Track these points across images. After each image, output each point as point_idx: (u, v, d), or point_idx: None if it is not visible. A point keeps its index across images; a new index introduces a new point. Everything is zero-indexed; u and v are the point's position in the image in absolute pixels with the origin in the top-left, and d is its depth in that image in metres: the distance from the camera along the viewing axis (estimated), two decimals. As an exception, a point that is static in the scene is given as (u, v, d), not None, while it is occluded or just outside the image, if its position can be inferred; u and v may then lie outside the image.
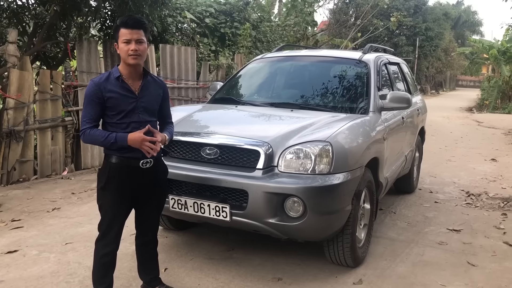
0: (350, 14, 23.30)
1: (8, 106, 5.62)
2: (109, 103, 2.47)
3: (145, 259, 2.89)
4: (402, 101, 3.95)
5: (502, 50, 22.44)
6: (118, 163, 2.52)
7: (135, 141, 2.44)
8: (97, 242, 2.64)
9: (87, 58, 6.62)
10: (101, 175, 2.58)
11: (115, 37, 2.50)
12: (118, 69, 2.53)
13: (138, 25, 2.48)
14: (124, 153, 2.50)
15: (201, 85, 8.96)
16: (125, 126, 2.50)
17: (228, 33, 12.00)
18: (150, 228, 2.84)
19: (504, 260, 3.73)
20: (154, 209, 2.79)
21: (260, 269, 3.42)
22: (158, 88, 2.67)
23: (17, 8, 6.79)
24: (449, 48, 34.71)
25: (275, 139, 3.14)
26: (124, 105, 2.49)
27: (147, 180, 2.62)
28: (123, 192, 2.56)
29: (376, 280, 3.31)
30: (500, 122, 14.93)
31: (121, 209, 2.60)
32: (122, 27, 2.46)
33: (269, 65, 4.84)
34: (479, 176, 6.85)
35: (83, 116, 2.50)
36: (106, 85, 2.47)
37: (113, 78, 2.50)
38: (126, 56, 2.47)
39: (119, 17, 2.57)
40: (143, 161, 2.55)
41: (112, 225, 2.59)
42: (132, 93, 2.52)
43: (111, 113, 2.49)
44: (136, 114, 2.52)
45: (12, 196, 5.16)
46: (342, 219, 3.14)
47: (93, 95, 2.45)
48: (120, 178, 2.53)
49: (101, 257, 2.61)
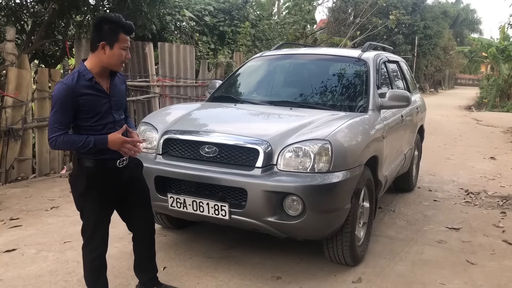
0: (349, 12, 23.33)
1: (6, 105, 5.60)
2: (83, 106, 2.32)
3: (143, 258, 2.84)
4: (402, 99, 3.94)
5: (501, 48, 22.46)
6: (95, 166, 2.42)
7: (115, 143, 2.36)
8: (83, 248, 2.57)
9: (85, 56, 6.59)
10: (78, 180, 2.45)
11: (110, 39, 2.33)
12: (86, 68, 2.36)
13: (133, 31, 2.46)
14: (101, 155, 2.41)
15: (200, 83, 8.95)
16: (101, 128, 2.39)
17: (228, 32, 11.98)
18: (141, 218, 2.74)
19: (503, 259, 3.73)
20: (138, 204, 2.71)
21: (259, 268, 3.42)
22: (121, 83, 2.58)
23: (15, 6, 6.77)
24: (448, 46, 34.72)
25: (274, 138, 3.13)
26: (99, 106, 2.37)
27: (126, 177, 2.56)
28: (104, 195, 2.48)
29: (375, 278, 3.30)
30: (499, 120, 14.95)
31: (104, 212, 2.54)
32: (123, 33, 2.35)
33: (268, 64, 4.83)
34: (478, 174, 6.85)
35: (53, 122, 2.30)
36: (78, 88, 2.30)
37: (84, 79, 2.33)
38: (119, 62, 2.39)
39: (113, 15, 2.37)
40: (119, 161, 2.48)
41: (96, 229, 2.51)
42: (104, 93, 2.41)
43: (86, 116, 2.35)
44: (110, 114, 2.43)
45: (11, 195, 5.14)
46: (341, 218, 3.14)
47: (66, 99, 2.28)
48: (100, 181, 2.44)
49: (91, 262, 2.56)
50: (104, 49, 2.34)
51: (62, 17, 6.91)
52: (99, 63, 2.37)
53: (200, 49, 10.69)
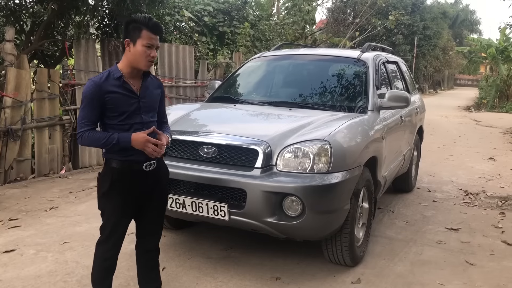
0: (348, 13, 23.33)
1: (6, 105, 5.60)
2: (110, 104, 2.35)
3: (147, 269, 2.77)
4: (401, 100, 3.95)
5: (500, 49, 22.49)
6: (120, 167, 2.43)
7: (138, 142, 2.35)
8: (98, 245, 2.55)
9: (85, 57, 6.60)
10: (103, 180, 2.47)
11: (133, 36, 2.35)
12: (118, 68, 2.41)
13: (161, 31, 2.42)
14: (127, 156, 2.41)
15: (199, 83, 8.95)
16: (128, 128, 2.40)
17: (227, 32, 11.98)
18: (152, 233, 2.71)
19: (502, 259, 3.73)
20: (156, 214, 2.68)
21: (259, 268, 3.42)
22: (156, 87, 2.59)
23: (14, 6, 6.76)
24: (447, 47, 34.72)
25: (274, 138, 3.13)
26: (126, 106, 2.39)
27: (150, 183, 2.54)
28: (126, 196, 2.47)
29: (374, 279, 3.30)
30: (498, 121, 14.96)
31: (125, 213, 2.52)
32: (146, 30, 2.34)
33: (267, 64, 4.83)
34: (477, 175, 6.85)
35: (81, 118, 2.37)
36: (106, 85, 2.35)
37: (113, 78, 2.38)
38: (145, 60, 2.37)
39: (140, 16, 2.41)
40: (146, 164, 2.46)
41: (115, 230, 2.50)
42: (133, 93, 2.42)
43: (112, 114, 2.38)
44: (138, 115, 2.43)
45: (10, 195, 5.14)
46: (340, 218, 3.14)
47: (93, 96, 2.33)
48: (124, 182, 2.44)
49: (103, 261, 2.55)
50: (129, 46, 2.38)
51: (62, 17, 6.89)
52: (128, 63, 2.41)
53: (200, 49, 10.69)
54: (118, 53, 7.01)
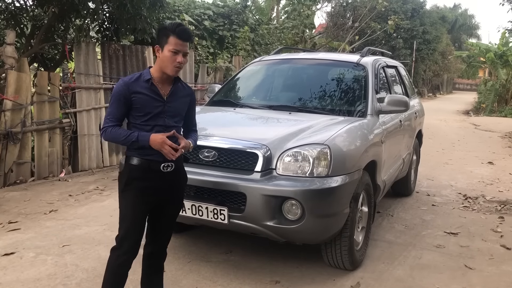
0: (347, 17, 23.40)
1: (6, 108, 5.61)
2: (135, 104, 2.43)
3: (152, 271, 2.75)
4: (400, 104, 3.96)
5: (498, 53, 22.54)
6: (138, 164, 2.47)
7: (156, 142, 2.38)
8: (113, 251, 2.52)
9: (85, 60, 6.61)
10: (121, 177, 2.53)
11: (161, 42, 2.43)
12: (149, 71, 2.49)
13: (190, 38, 2.46)
14: (145, 155, 2.46)
15: (199, 87, 8.97)
16: (150, 129, 2.45)
17: (227, 36, 12.01)
18: (163, 236, 2.70)
19: (501, 263, 3.74)
20: (170, 218, 2.68)
21: (258, 272, 3.42)
22: (186, 94, 2.62)
23: (15, 10, 6.79)
24: (446, 51, 34.82)
25: (273, 142, 3.14)
26: (151, 107, 2.45)
27: (166, 185, 2.54)
28: (142, 194, 2.48)
29: (373, 283, 3.31)
30: (496, 125, 14.99)
31: (140, 213, 2.49)
32: (173, 36, 2.39)
33: (267, 68, 4.85)
34: (476, 179, 6.87)
35: (107, 114, 2.47)
36: (134, 86, 2.44)
37: (143, 79, 2.46)
38: (171, 66, 2.42)
39: (170, 23, 2.49)
40: (164, 165, 2.48)
41: (130, 231, 2.47)
42: (160, 96, 2.47)
43: (137, 114, 2.45)
44: (162, 118, 2.48)
45: (9, 198, 5.14)
46: (340, 222, 3.15)
47: (120, 94, 2.43)
48: (139, 180, 2.47)
49: (118, 267, 2.49)
50: (158, 52, 2.45)
51: (62, 21, 6.92)
52: (158, 67, 2.48)
53: (199, 53, 10.72)
54: (118, 57, 7.02)
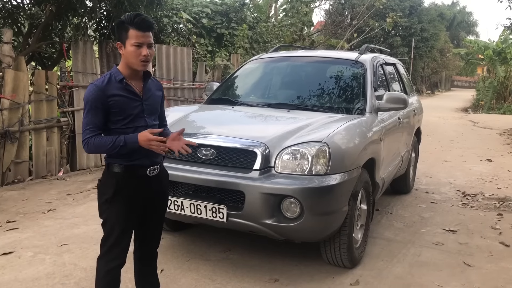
0: (345, 14, 23.36)
1: (3, 107, 5.59)
2: (114, 108, 2.26)
3: (145, 273, 2.70)
4: (399, 101, 3.96)
5: (497, 50, 22.56)
6: (124, 172, 2.33)
7: (143, 139, 2.25)
8: (99, 260, 2.40)
9: (82, 59, 6.60)
10: (106, 186, 2.35)
11: (121, 37, 2.26)
12: (118, 70, 2.32)
13: (150, 27, 2.27)
14: (131, 160, 2.32)
15: (197, 85, 8.96)
16: (132, 131, 2.29)
17: (225, 34, 11.99)
18: (152, 239, 2.63)
19: (500, 261, 3.74)
20: (157, 218, 2.61)
21: (257, 270, 3.42)
22: (157, 89, 2.52)
23: (12, 8, 6.75)
24: (444, 48, 34.84)
25: (272, 140, 3.13)
26: (130, 108, 2.30)
27: (153, 188, 2.46)
28: (131, 203, 2.36)
29: (373, 280, 3.31)
30: (495, 122, 15.01)
31: (129, 222, 2.41)
32: (133, 28, 2.22)
33: (265, 66, 4.84)
34: (475, 176, 6.87)
35: (86, 124, 2.25)
36: (109, 89, 2.25)
37: (115, 80, 2.28)
38: (137, 61, 2.25)
39: (126, 15, 2.28)
40: (150, 169, 2.39)
41: (119, 240, 2.37)
42: (137, 95, 2.33)
43: (117, 118, 2.29)
44: (142, 118, 2.36)
45: (7, 197, 5.13)
46: (339, 220, 3.14)
47: (96, 100, 2.23)
48: (129, 188, 2.34)
49: (106, 273, 2.38)
50: (121, 49, 2.29)
51: (59, 19, 6.89)
52: (125, 64, 2.32)
53: (198, 51, 10.70)
54: (116, 55, 7.01)
